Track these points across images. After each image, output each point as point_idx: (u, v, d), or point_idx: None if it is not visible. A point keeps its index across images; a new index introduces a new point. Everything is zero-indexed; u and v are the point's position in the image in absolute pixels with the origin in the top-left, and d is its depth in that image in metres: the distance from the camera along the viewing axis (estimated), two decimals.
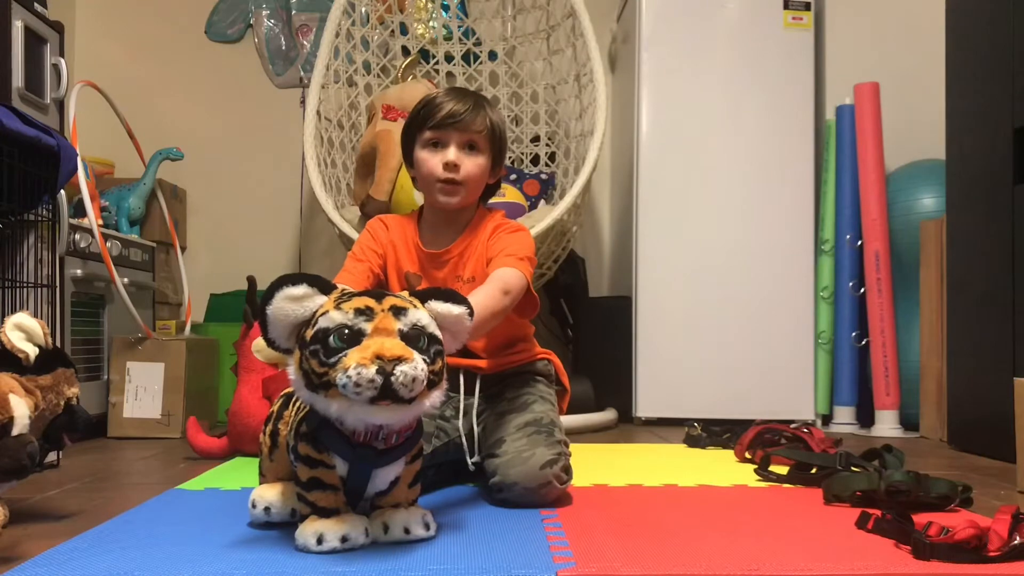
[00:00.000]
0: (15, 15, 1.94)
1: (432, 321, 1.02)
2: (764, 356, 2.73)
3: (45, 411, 1.20)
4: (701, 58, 2.81)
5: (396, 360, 0.92)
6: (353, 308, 0.97)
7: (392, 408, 0.94)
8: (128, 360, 2.28)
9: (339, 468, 1.03)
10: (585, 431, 2.46)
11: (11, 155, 1.56)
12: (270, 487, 1.18)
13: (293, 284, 0.99)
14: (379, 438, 1.02)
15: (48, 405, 1.21)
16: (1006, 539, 1.00)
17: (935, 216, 2.55)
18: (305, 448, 1.04)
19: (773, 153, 2.79)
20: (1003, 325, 1.98)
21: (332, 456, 1.03)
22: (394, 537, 1.06)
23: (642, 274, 2.77)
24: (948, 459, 2.02)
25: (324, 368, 0.95)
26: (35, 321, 1.21)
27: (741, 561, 0.99)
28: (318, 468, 1.03)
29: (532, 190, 2.85)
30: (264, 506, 1.16)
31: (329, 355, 0.95)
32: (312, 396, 0.98)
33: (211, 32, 3.24)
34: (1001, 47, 2.03)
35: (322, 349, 0.95)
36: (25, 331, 1.20)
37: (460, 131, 1.44)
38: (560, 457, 1.33)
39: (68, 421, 1.25)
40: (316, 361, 0.95)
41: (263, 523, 1.16)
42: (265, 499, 1.16)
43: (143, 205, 2.74)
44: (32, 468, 1.12)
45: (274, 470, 1.20)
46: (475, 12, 3.09)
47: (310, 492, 1.04)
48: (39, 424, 1.20)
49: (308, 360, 0.96)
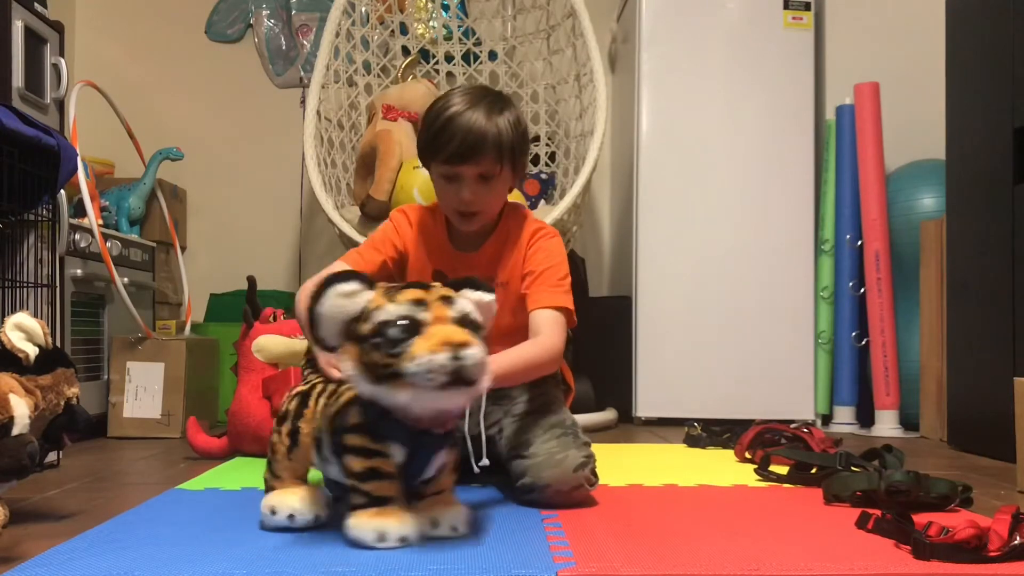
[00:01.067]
0: (15, 15, 1.94)
1: (474, 308, 1.05)
2: (764, 356, 2.72)
3: (45, 411, 1.20)
4: (701, 58, 2.81)
5: (463, 345, 0.96)
6: (408, 300, 1.00)
7: (459, 392, 0.98)
8: (128, 360, 2.28)
9: (396, 456, 1.05)
10: (585, 431, 2.45)
11: (11, 155, 1.56)
12: (290, 492, 1.15)
13: (344, 281, 1.02)
14: (439, 423, 1.06)
15: (48, 405, 1.21)
16: (1006, 539, 1.00)
17: (935, 216, 2.55)
18: (359, 439, 1.05)
19: (773, 153, 2.79)
20: (1003, 325, 1.98)
21: (390, 445, 1.04)
22: (442, 533, 1.09)
23: (642, 274, 2.77)
24: (948, 459, 2.02)
25: (390, 359, 0.97)
26: (35, 321, 1.21)
27: (741, 561, 0.98)
28: (375, 458, 1.05)
29: (532, 190, 2.85)
30: (288, 513, 1.13)
31: (393, 346, 0.98)
32: (376, 389, 1.00)
33: (211, 32, 3.24)
34: (1001, 47, 2.03)
35: (385, 341, 0.98)
36: (25, 331, 1.20)
37: (473, 166, 1.38)
38: (590, 459, 1.34)
39: (68, 421, 1.25)
40: (380, 354, 0.98)
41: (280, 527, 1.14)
42: (288, 506, 1.13)
43: (143, 205, 2.74)
44: (32, 468, 1.12)
45: (293, 469, 1.18)
46: (475, 12, 3.09)
47: (366, 483, 1.05)
48: (39, 424, 1.19)
49: (370, 354, 0.99)
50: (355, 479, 1.06)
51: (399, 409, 1.02)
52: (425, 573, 0.93)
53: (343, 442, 1.07)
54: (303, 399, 1.17)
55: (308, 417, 1.14)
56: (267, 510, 1.14)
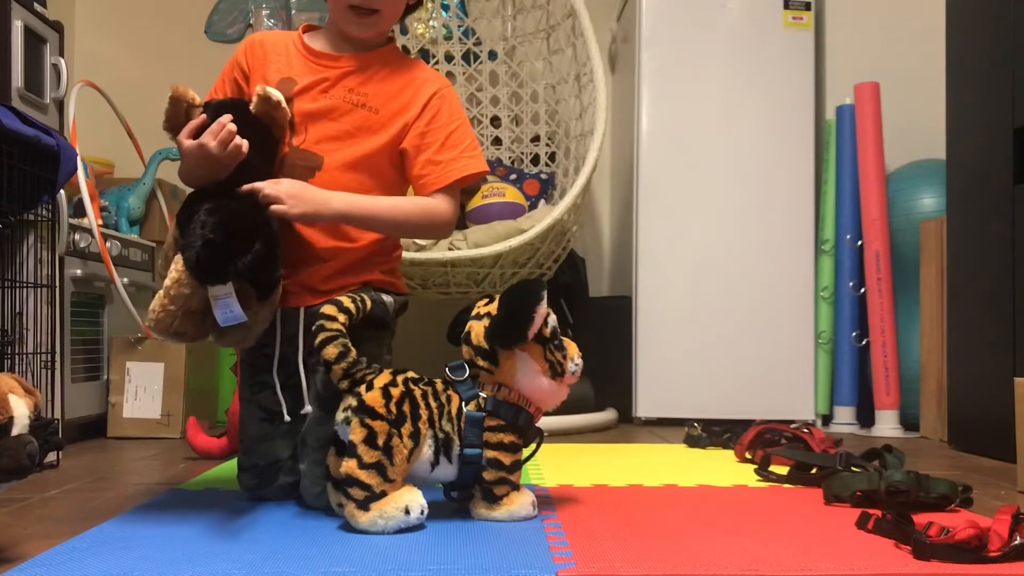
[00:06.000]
0: (15, 15, 1.94)
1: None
2: (764, 356, 2.72)
3: None
4: (701, 58, 2.81)
5: None
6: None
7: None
8: (128, 360, 2.28)
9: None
10: (585, 431, 2.46)
11: (11, 155, 1.56)
12: (406, 490, 1.15)
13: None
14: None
15: None
16: (1006, 539, 1.00)
17: (935, 216, 2.55)
18: (510, 437, 1.19)
19: (773, 153, 2.79)
20: (1003, 325, 1.98)
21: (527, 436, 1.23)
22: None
23: (642, 274, 2.77)
24: (948, 459, 2.02)
25: (563, 358, 1.21)
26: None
27: (741, 561, 0.98)
28: (519, 451, 1.21)
29: (532, 190, 2.85)
30: (420, 508, 1.14)
31: (561, 347, 1.22)
32: (551, 383, 1.21)
33: (211, 32, 3.24)
34: (1001, 47, 2.03)
35: (558, 343, 1.21)
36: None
37: None
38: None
39: None
40: (560, 353, 1.21)
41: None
42: (418, 502, 1.14)
43: (143, 205, 2.73)
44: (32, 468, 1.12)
45: (406, 471, 1.16)
46: (475, 12, 3.09)
47: (513, 473, 1.20)
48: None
49: (554, 352, 1.21)
50: (505, 471, 1.19)
51: (536, 401, 1.21)
52: (425, 573, 0.93)
53: (499, 443, 1.18)
54: (414, 402, 1.16)
55: (424, 418, 1.16)
56: (399, 511, 1.12)
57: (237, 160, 1.24)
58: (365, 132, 1.37)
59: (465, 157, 1.39)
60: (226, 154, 1.23)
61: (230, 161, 1.24)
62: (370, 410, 1.13)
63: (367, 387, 1.15)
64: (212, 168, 1.25)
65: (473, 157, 1.40)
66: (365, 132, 1.37)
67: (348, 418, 1.14)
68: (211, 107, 1.28)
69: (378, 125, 1.37)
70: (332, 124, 1.36)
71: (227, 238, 1.17)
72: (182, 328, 1.22)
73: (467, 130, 1.41)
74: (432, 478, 1.20)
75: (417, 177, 1.39)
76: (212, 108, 1.27)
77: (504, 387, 1.21)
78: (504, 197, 2.64)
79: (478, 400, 1.20)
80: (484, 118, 3.08)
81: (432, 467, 1.18)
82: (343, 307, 1.19)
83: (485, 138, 3.07)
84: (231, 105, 1.30)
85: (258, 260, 1.18)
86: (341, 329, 1.18)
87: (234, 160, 1.24)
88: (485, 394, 1.20)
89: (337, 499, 1.18)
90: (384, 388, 1.15)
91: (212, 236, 1.16)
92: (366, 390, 1.15)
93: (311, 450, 1.29)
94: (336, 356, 1.17)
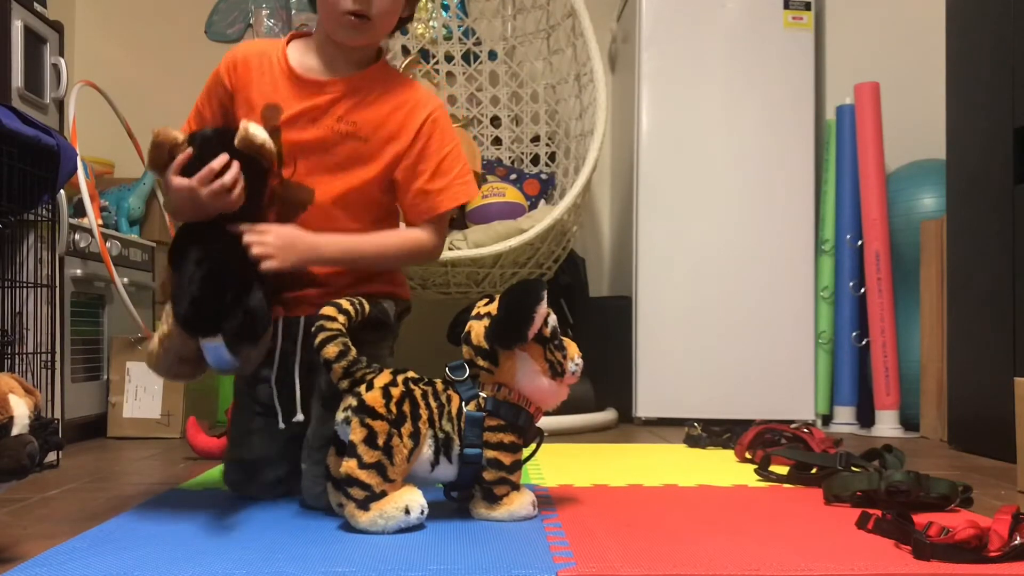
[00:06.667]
0: (15, 15, 1.94)
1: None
2: (764, 356, 2.72)
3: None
4: (701, 58, 2.81)
5: None
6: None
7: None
8: (128, 360, 2.28)
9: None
10: (585, 431, 2.46)
11: (11, 155, 1.56)
12: (406, 490, 1.15)
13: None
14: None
15: None
16: (1006, 539, 1.00)
17: (935, 216, 2.55)
18: (510, 437, 1.19)
19: (773, 153, 2.79)
20: (1003, 325, 1.98)
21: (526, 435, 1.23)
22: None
23: (642, 274, 2.77)
24: (948, 459, 2.02)
25: (563, 358, 1.21)
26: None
27: (741, 561, 0.98)
28: (519, 451, 1.21)
29: (532, 190, 2.85)
30: (420, 508, 1.13)
31: (561, 347, 1.22)
32: (551, 383, 1.20)
33: (211, 32, 3.24)
34: (1001, 47, 2.03)
35: (558, 343, 1.21)
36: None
37: None
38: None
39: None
40: (561, 353, 1.21)
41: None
42: (418, 502, 1.14)
43: (143, 205, 2.73)
44: (32, 468, 1.12)
45: (406, 471, 1.16)
46: (475, 12, 3.09)
47: (513, 473, 1.20)
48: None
49: (554, 352, 1.21)
50: (505, 471, 1.19)
51: (538, 401, 1.22)
52: (425, 573, 0.93)
53: (499, 443, 1.18)
54: (414, 402, 1.16)
55: (424, 419, 1.16)
56: (399, 511, 1.12)
57: (228, 211, 1.24)
58: (355, 163, 1.35)
59: (456, 184, 1.39)
60: (218, 205, 1.23)
61: (221, 210, 1.24)
62: (370, 410, 1.13)
63: (367, 387, 1.15)
64: (201, 209, 1.24)
65: (464, 184, 1.40)
66: (355, 163, 1.35)
67: (348, 418, 1.14)
68: (196, 140, 1.26)
69: (368, 155, 1.35)
70: (323, 157, 1.34)
71: (215, 293, 1.19)
72: (179, 371, 1.29)
73: (459, 155, 1.40)
74: (432, 478, 1.20)
75: (408, 207, 1.40)
76: (197, 142, 1.25)
77: (504, 387, 1.21)
78: (504, 197, 2.64)
79: (478, 400, 1.20)
80: (484, 118, 3.08)
81: (432, 467, 1.18)
82: (342, 308, 1.19)
83: (485, 138, 3.07)
84: (216, 139, 1.26)
85: (246, 324, 1.20)
86: (341, 329, 1.18)
87: (225, 210, 1.24)
88: (485, 394, 1.20)
89: (337, 499, 1.18)
90: (384, 388, 1.15)
91: (199, 294, 1.18)
92: (366, 390, 1.15)
93: (313, 450, 1.29)
94: (336, 355, 1.17)
